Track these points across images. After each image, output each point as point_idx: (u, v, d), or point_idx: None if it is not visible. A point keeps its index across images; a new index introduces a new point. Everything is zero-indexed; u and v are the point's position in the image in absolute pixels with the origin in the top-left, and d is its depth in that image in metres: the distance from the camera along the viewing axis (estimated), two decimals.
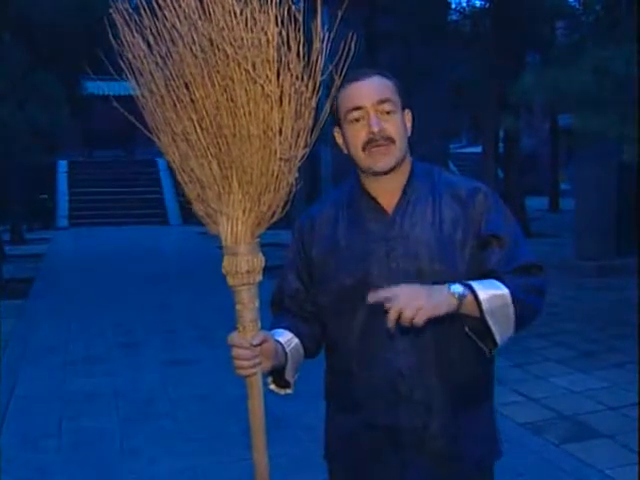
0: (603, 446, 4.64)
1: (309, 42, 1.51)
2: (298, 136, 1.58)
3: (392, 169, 1.83)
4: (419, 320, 1.56)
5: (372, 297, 1.59)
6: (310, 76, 1.54)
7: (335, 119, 1.88)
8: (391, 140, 1.80)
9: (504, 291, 1.72)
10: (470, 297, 1.67)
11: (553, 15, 13.49)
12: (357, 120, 1.80)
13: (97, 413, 5.55)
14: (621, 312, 8.22)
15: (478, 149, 22.26)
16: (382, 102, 1.79)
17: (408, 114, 1.89)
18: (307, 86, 1.55)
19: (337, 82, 1.63)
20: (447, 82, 18.30)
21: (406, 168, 1.89)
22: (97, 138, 28.71)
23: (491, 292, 1.70)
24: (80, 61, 1.63)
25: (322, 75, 1.54)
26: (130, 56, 1.58)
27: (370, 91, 1.80)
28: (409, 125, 1.89)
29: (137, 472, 4.47)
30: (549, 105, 9.11)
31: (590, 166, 11.31)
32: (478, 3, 18.22)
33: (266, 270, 1.73)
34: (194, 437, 4.94)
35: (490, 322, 1.70)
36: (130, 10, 1.55)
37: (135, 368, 6.80)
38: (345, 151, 1.89)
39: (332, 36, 1.51)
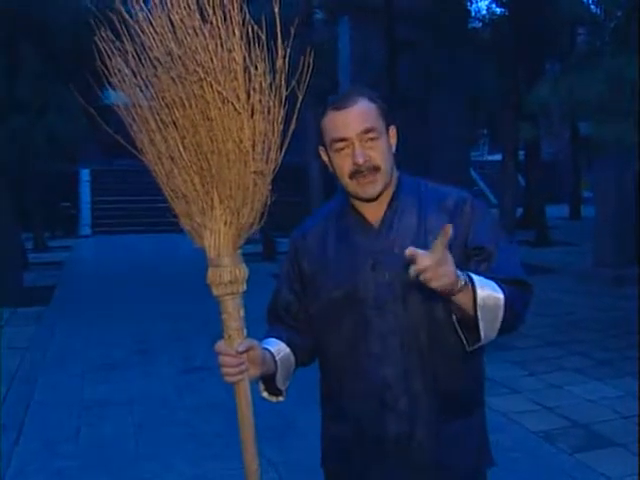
0: (616, 455, 4.63)
1: (273, 60, 1.58)
2: (269, 150, 1.66)
3: (379, 195, 1.87)
4: (439, 285, 1.57)
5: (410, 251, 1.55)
6: (275, 93, 1.61)
7: (320, 139, 1.91)
8: (376, 169, 1.83)
9: (500, 294, 1.72)
10: (469, 288, 1.68)
11: (574, 22, 13.45)
12: (342, 149, 1.84)
13: (114, 419, 5.62)
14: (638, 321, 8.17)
15: (499, 157, 22.24)
16: (366, 132, 1.82)
17: (393, 130, 1.92)
18: (274, 102, 1.62)
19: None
20: (466, 90, 18.28)
21: (392, 185, 1.93)
22: (119, 146, 28.86)
23: (488, 291, 1.70)
24: (99, 71, 1.69)
25: (286, 90, 1.61)
26: (116, 80, 1.67)
27: (354, 121, 1.82)
28: (394, 141, 1.92)
29: (152, 477, 4.53)
30: (566, 113, 9.08)
31: (609, 174, 11.25)
32: (498, 11, 18.16)
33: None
34: (207, 444, 5.00)
35: (480, 318, 1.70)
36: (113, 38, 1.63)
37: (151, 375, 6.87)
38: (331, 170, 1.93)
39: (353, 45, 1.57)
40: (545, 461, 4.59)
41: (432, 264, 1.52)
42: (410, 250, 1.53)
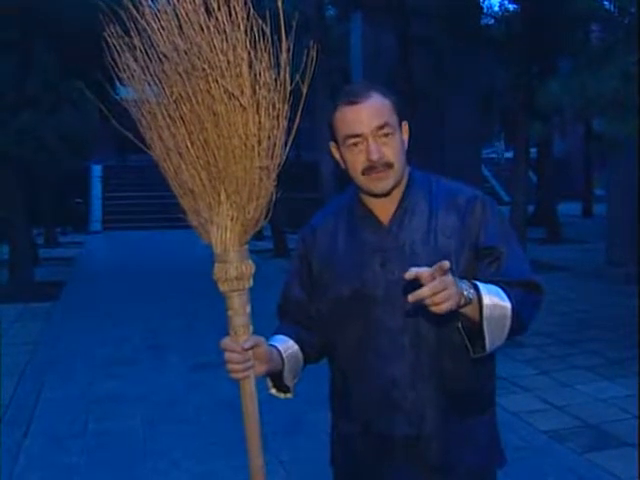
0: (626, 455, 4.59)
1: (277, 54, 1.57)
2: (275, 145, 1.65)
3: (391, 190, 1.85)
4: (440, 310, 1.52)
5: (409, 275, 1.53)
6: (280, 88, 1.60)
7: (332, 135, 1.88)
8: (390, 165, 1.81)
9: (507, 303, 1.70)
10: (475, 300, 1.64)
11: (587, 18, 13.33)
12: (355, 145, 1.81)
13: (122, 415, 5.63)
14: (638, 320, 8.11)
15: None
16: (381, 127, 1.79)
17: (405, 126, 1.89)
18: (279, 98, 1.61)
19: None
20: (479, 87, 18.22)
21: (403, 181, 1.90)
22: (131, 142, 28.94)
23: (495, 300, 1.68)
24: (109, 67, 1.68)
25: (290, 85, 1.60)
26: (125, 76, 1.67)
27: (368, 117, 1.79)
28: (406, 137, 1.90)
29: (159, 474, 4.53)
30: (577, 110, 9.00)
31: (621, 172, 11.19)
32: (511, 7, 18.06)
33: None
34: (216, 441, 4.99)
35: (485, 328, 1.67)
36: (122, 33, 1.63)
37: (161, 372, 6.88)
38: (342, 166, 1.90)
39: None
40: (554, 461, 4.56)
41: (429, 293, 1.49)
42: (410, 273, 1.51)
